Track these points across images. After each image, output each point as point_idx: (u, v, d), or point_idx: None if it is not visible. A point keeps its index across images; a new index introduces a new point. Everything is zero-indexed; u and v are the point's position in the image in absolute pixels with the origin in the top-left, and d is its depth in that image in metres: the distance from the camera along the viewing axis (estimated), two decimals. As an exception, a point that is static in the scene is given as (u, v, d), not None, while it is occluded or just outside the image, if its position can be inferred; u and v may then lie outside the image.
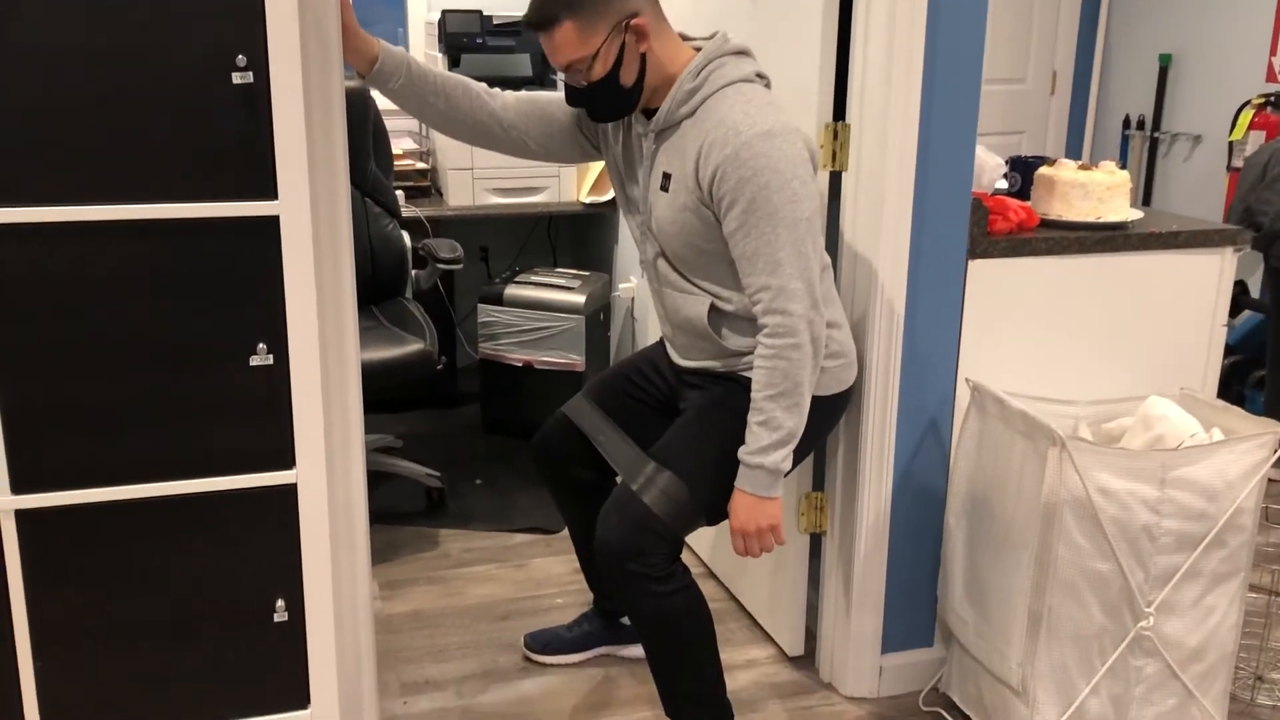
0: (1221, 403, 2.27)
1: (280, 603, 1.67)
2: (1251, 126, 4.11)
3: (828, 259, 2.07)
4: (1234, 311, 3.90)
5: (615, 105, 1.98)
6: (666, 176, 1.99)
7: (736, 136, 1.86)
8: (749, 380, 2.05)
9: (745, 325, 2.04)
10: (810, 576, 2.54)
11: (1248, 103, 4.17)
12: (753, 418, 1.95)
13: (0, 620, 1.58)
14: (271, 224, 1.54)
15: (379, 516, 3.26)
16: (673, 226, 2.00)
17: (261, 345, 1.57)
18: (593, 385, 2.32)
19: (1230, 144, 4.24)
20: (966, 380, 2.29)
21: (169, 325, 1.53)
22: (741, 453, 1.96)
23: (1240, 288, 3.92)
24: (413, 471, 3.32)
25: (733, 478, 1.99)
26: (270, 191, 1.53)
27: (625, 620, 2.54)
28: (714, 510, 2.03)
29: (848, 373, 2.14)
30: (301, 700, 1.73)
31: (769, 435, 1.93)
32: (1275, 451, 2.11)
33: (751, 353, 2.04)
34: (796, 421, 1.94)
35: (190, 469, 1.59)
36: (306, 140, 1.55)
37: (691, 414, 2.10)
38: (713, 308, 2.04)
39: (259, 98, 1.49)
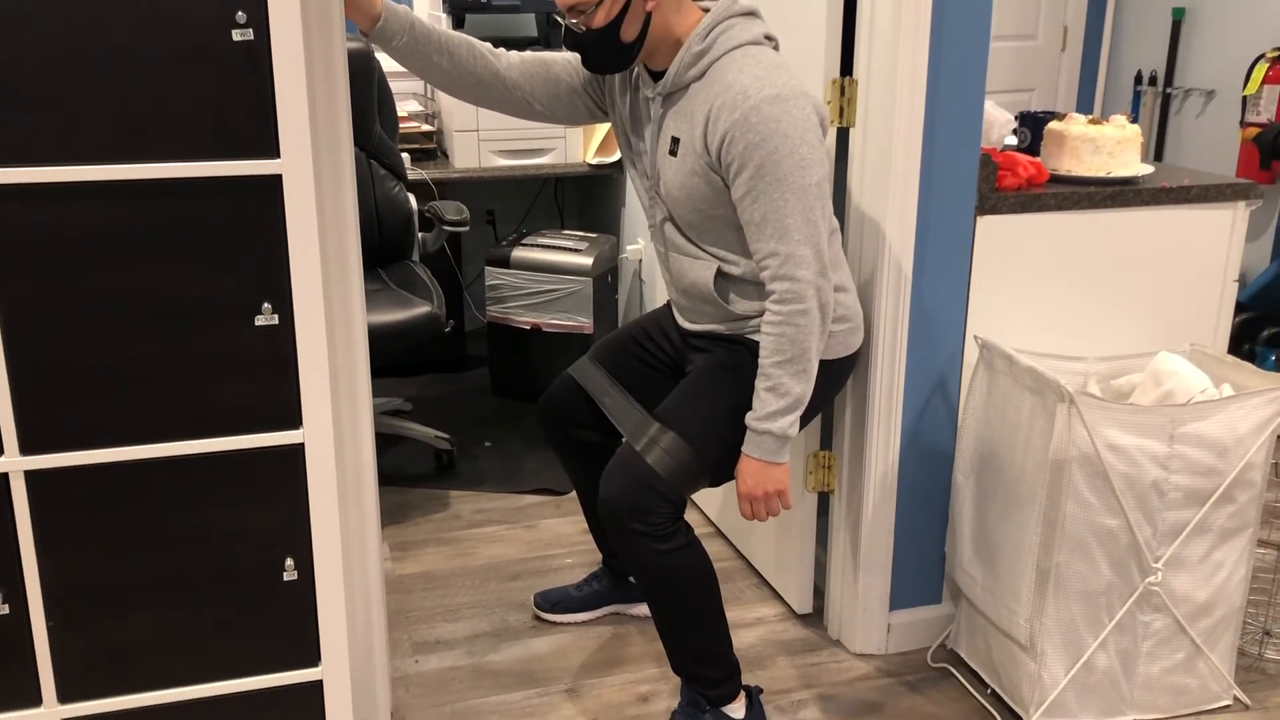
0: (1232, 358, 2.25)
1: (289, 561, 1.68)
2: (1265, 80, 4.06)
3: (835, 223, 2.05)
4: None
5: (611, 58, 1.96)
6: (675, 141, 1.98)
7: (745, 100, 1.84)
8: (754, 343, 2.05)
9: (752, 289, 2.03)
10: (818, 535, 2.55)
11: (1262, 56, 4.12)
12: (760, 384, 1.94)
13: (12, 580, 1.59)
14: (274, 183, 1.53)
15: (389, 479, 3.27)
16: (680, 191, 1.98)
17: (266, 305, 1.57)
18: (599, 348, 2.32)
19: (1244, 98, 4.19)
20: (975, 337, 2.28)
21: (173, 285, 1.53)
22: (749, 418, 1.96)
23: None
24: (422, 434, 3.33)
25: (737, 440, 1.99)
26: (272, 150, 1.52)
27: (633, 579, 2.55)
28: (717, 471, 2.03)
29: (854, 337, 2.13)
30: (312, 658, 1.74)
31: (776, 401, 1.92)
32: (1285, 406, 2.10)
33: (758, 316, 2.04)
34: (804, 388, 1.93)
35: (197, 429, 1.59)
36: (308, 98, 1.54)
37: (697, 375, 2.10)
38: (719, 272, 2.03)
39: (259, 55, 1.48)
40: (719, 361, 2.09)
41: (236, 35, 1.47)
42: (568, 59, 2.15)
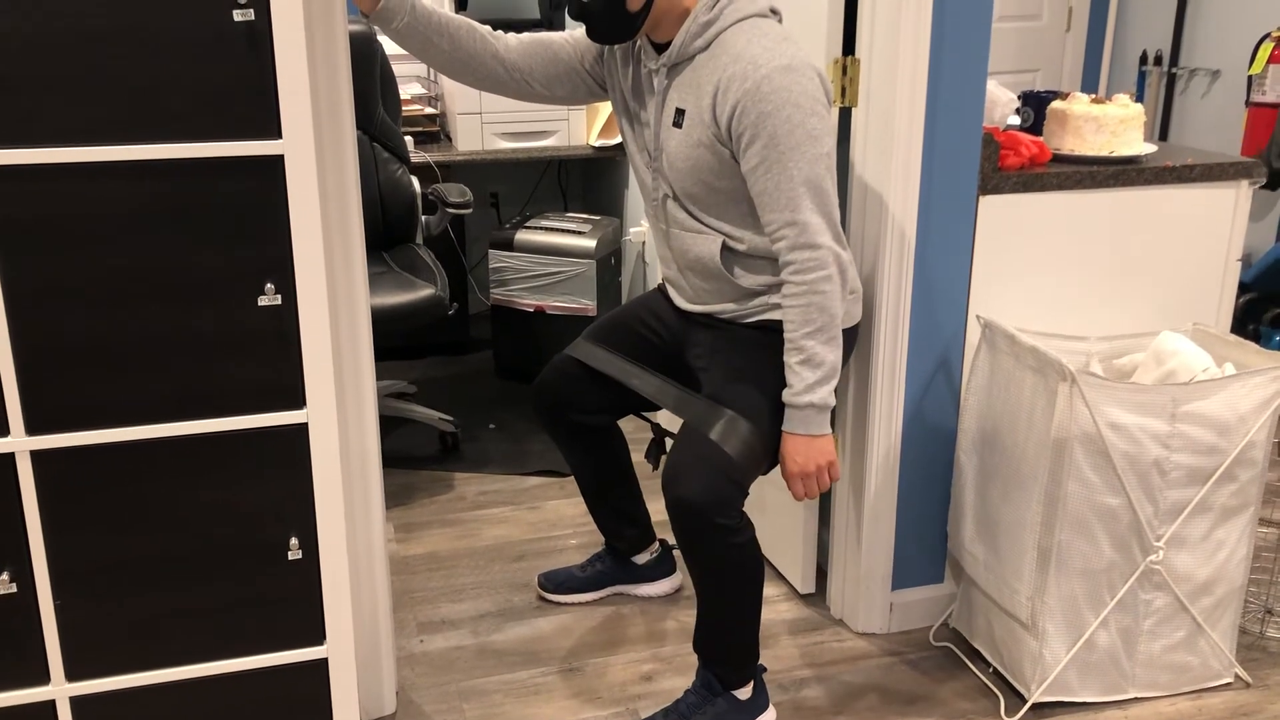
0: (1234, 338, 2.25)
1: (294, 541, 1.69)
2: (1271, 60, 4.04)
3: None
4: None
5: (615, 29, 1.95)
6: (680, 112, 1.97)
7: (756, 70, 1.84)
8: (759, 324, 2.05)
9: (757, 264, 2.03)
10: (821, 514, 2.56)
11: (1267, 35, 4.10)
12: (792, 358, 1.93)
13: (20, 559, 1.60)
14: (276, 163, 1.53)
15: (394, 461, 3.29)
16: (685, 163, 1.98)
17: (269, 285, 1.57)
18: (595, 332, 2.31)
19: (1249, 78, 4.17)
20: (977, 317, 2.28)
21: (176, 266, 1.54)
22: (787, 395, 1.94)
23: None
24: (427, 416, 3.34)
25: (777, 423, 1.98)
26: (274, 131, 1.52)
27: (636, 560, 2.56)
28: (774, 456, 2.02)
29: (857, 308, 2.13)
30: (317, 636, 1.75)
31: (813, 373, 1.91)
32: (1287, 385, 2.10)
33: (764, 292, 2.04)
34: (836, 355, 1.93)
35: (201, 409, 1.60)
36: (309, 79, 1.54)
37: (726, 359, 2.06)
38: (724, 247, 2.02)
39: (261, 35, 1.48)
40: (740, 341, 2.07)
41: (238, 15, 1.47)
42: (568, 36, 2.14)
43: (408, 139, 3.48)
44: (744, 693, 2.11)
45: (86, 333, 1.53)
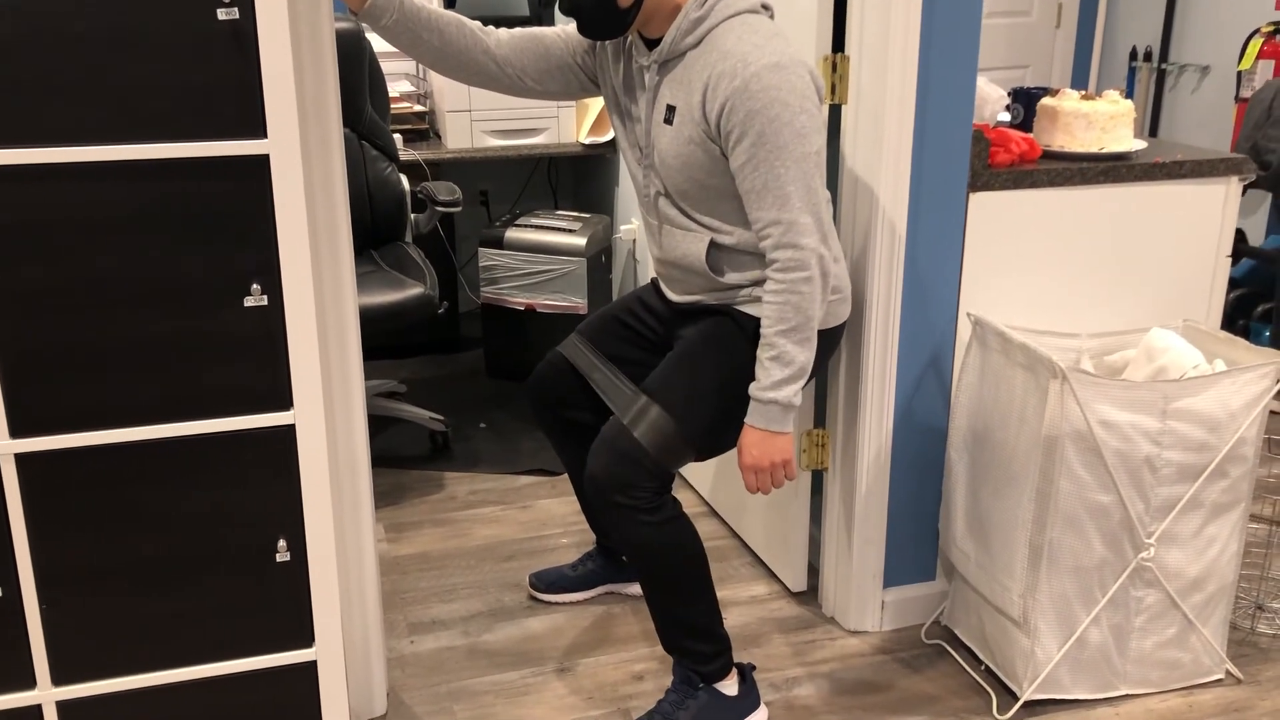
0: (1225, 334, 2.25)
1: (282, 542, 1.68)
2: (1260, 55, 4.05)
3: (827, 194, 2.05)
4: (1235, 259, 3.87)
5: (607, 24, 1.95)
6: (670, 109, 1.97)
7: (745, 68, 1.84)
8: (742, 314, 2.05)
9: (744, 260, 2.03)
10: (812, 513, 2.55)
11: (1256, 31, 4.11)
12: (764, 353, 1.94)
13: (5, 563, 1.59)
14: (262, 163, 1.52)
15: (385, 460, 3.28)
16: (676, 160, 1.98)
17: (255, 286, 1.56)
18: (585, 326, 2.31)
19: (1239, 74, 4.18)
20: (968, 314, 2.28)
21: (161, 267, 1.53)
22: (753, 389, 1.96)
23: (1239, 236, 3.89)
24: (417, 416, 3.33)
25: (723, 412, 1.99)
26: (259, 130, 1.51)
27: (628, 558, 2.56)
28: (704, 444, 2.03)
29: (843, 308, 2.13)
30: (306, 638, 1.74)
31: (781, 370, 1.92)
32: (1277, 382, 2.10)
33: (748, 286, 2.04)
34: (807, 356, 1.94)
35: (188, 411, 1.59)
36: (295, 77, 1.53)
37: (682, 349, 2.09)
38: (712, 244, 2.02)
39: (245, 34, 1.47)
40: (705, 334, 2.09)
41: (222, 15, 1.46)
42: (559, 31, 2.13)
43: (396, 137, 3.47)
44: (728, 687, 2.11)
45: (71, 334, 1.52)
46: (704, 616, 2.08)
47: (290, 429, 1.63)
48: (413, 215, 3.43)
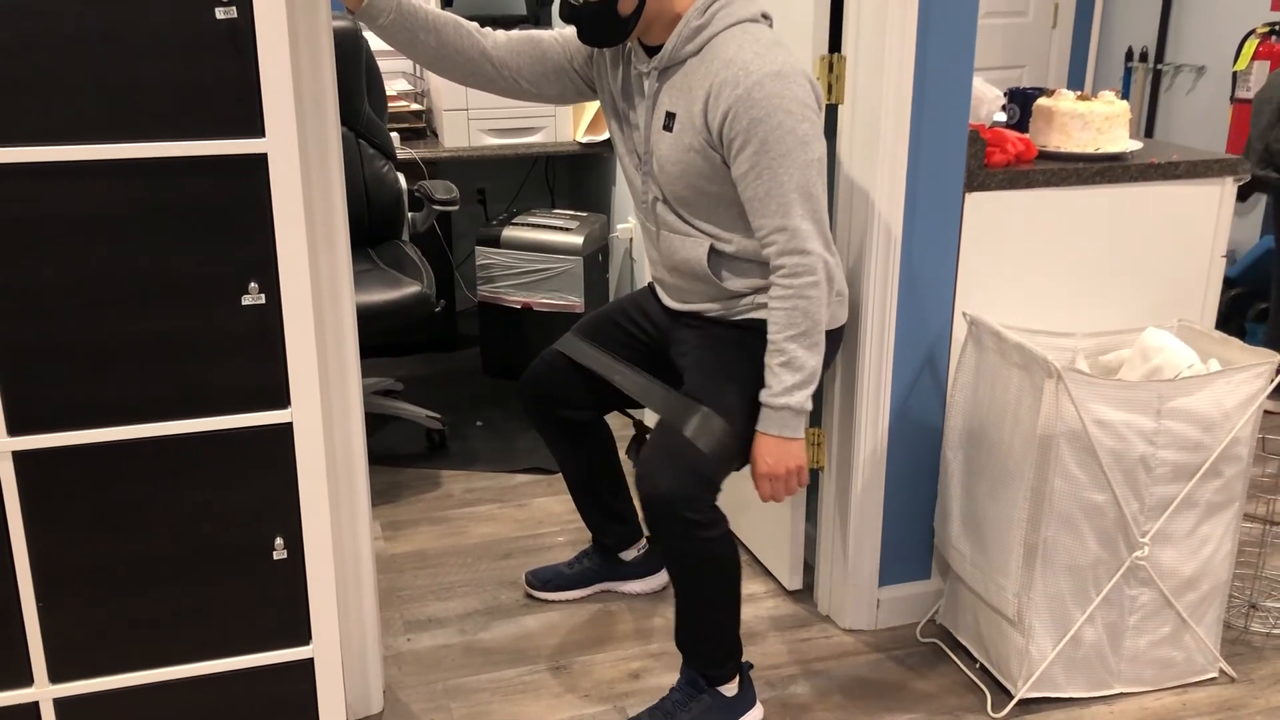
0: (1220, 334, 2.26)
1: (279, 540, 1.68)
2: (1256, 56, 4.06)
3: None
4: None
5: (607, 32, 1.95)
6: (670, 116, 1.97)
7: (747, 76, 1.85)
8: (745, 323, 2.05)
9: (744, 266, 2.03)
10: (808, 511, 2.56)
11: (1252, 32, 4.11)
12: (773, 359, 1.94)
13: (2, 561, 1.59)
14: (259, 162, 1.52)
15: (381, 459, 3.28)
16: (676, 167, 1.98)
17: (253, 284, 1.57)
18: (584, 328, 2.31)
19: (1234, 74, 4.18)
20: (963, 313, 2.28)
21: (159, 265, 1.53)
22: (764, 396, 1.95)
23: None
24: (414, 414, 3.33)
25: (754, 421, 1.98)
26: (257, 129, 1.51)
27: (623, 556, 2.56)
28: (746, 454, 2.02)
29: (842, 310, 2.13)
30: (303, 637, 1.74)
31: (792, 376, 1.92)
32: (1272, 382, 2.11)
33: (750, 294, 2.04)
34: (817, 360, 1.94)
35: (185, 409, 1.59)
36: (293, 76, 1.53)
37: (708, 357, 2.07)
38: (712, 249, 2.03)
39: (243, 33, 1.47)
40: (720, 343, 2.08)
41: (220, 13, 1.46)
42: (556, 35, 2.14)
43: (394, 135, 3.47)
44: (729, 689, 2.11)
45: (69, 332, 1.52)
46: (732, 624, 2.07)
47: (287, 427, 1.63)
48: (410, 214, 3.43)
